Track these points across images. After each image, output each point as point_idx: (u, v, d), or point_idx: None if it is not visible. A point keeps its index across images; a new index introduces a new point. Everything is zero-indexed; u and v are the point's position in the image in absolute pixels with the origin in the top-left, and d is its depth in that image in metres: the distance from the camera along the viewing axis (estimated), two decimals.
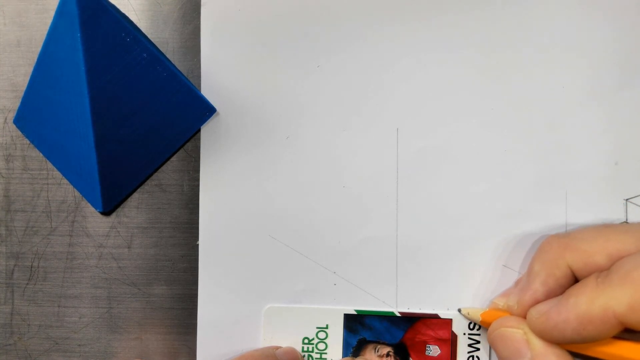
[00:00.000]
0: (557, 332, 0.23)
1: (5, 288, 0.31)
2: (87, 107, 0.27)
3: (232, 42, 0.30)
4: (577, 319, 0.23)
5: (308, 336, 0.29)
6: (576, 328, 0.23)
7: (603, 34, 0.29)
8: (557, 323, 0.23)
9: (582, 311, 0.23)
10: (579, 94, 0.29)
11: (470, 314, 0.28)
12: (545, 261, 0.26)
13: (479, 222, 0.29)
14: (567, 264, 0.25)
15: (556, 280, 0.25)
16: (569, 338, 0.23)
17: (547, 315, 0.24)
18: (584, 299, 0.23)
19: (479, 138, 0.29)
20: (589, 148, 0.29)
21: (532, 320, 0.25)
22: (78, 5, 0.25)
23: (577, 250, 0.25)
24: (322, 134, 0.30)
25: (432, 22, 0.30)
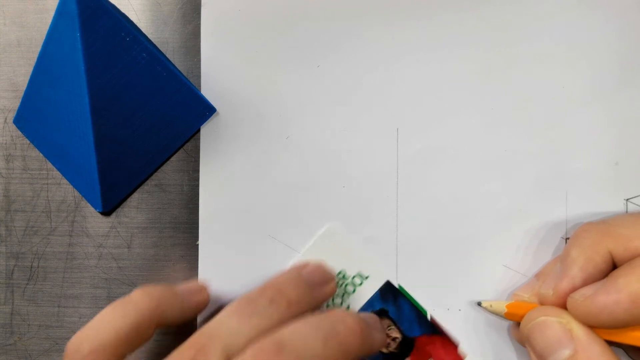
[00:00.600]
0: (606, 315, 0.23)
1: (5, 288, 0.31)
2: (87, 107, 0.27)
3: (232, 42, 0.30)
4: (629, 298, 0.22)
5: (346, 273, 0.29)
6: (628, 308, 0.22)
7: (603, 34, 0.29)
8: (606, 305, 0.23)
9: (635, 290, 0.22)
10: (579, 94, 0.29)
11: (493, 306, 0.27)
12: (584, 247, 0.25)
13: (479, 222, 0.29)
14: (607, 249, 0.24)
15: (595, 266, 0.24)
16: (617, 320, 0.23)
17: (594, 297, 0.23)
18: (635, 277, 0.22)
19: (479, 138, 0.29)
20: (589, 148, 0.29)
21: (576, 303, 0.24)
22: (78, 5, 0.25)
23: (617, 235, 0.24)
24: (321, 134, 0.30)
25: (432, 21, 0.30)
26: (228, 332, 0.23)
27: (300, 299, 0.25)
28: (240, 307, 0.24)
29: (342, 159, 0.30)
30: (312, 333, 0.22)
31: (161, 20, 0.31)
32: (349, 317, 0.24)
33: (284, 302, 0.24)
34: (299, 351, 0.22)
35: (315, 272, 0.27)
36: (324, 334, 0.22)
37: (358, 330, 0.23)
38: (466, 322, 0.29)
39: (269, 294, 0.24)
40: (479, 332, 0.29)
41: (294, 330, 0.23)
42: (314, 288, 0.26)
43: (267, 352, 0.21)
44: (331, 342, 0.22)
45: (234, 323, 0.23)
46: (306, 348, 0.22)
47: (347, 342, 0.23)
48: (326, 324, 0.23)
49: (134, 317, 0.24)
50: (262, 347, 0.22)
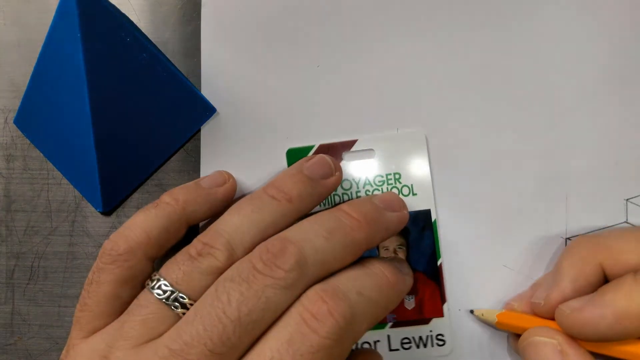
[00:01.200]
0: (590, 328, 0.23)
1: (5, 288, 0.31)
2: (87, 107, 0.27)
3: (232, 42, 0.30)
4: (614, 315, 0.23)
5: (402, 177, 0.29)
6: (611, 324, 0.23)
7: (604, 34, 0.29)
8: (591, 318, 0.23)
9: (620, 307, 0.23)
10: (579, 94, 0.29)
11: (484, 315, 0.28)
12: (575, 259, 0.26)
13: (479, 222, 0.29)
14: (598, 262, 0.25)
15: (586, 278, 0.25)
16: (600, 334, 0.23)
17: (581, 311, 0.24)
18: (622, 295, 0.23)
19: (479, 138, 0.29)
20: (589, 148, 0.29)
21: (563, 316, 0.24)
22: (78, 5, 0.25)
23: (609, 248, 0.25)
24: (321, 134, 0.30)
25: (432, 21, 0.30)
26: (230, 228, 0.24)
27: (302, 193, 0.25)
28: (241, 205, 0.25)
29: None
30: (315, 228, 0.23)
31: (161, 21, 0.31)
32: (354, 209, 0.24)
33: (284, 198, 0.25)
34: (303, 246, 0.22)
35: (316, 164, 0.26)
36: (327, 228, 0.23)
37: (363, 222, 0.24)
38: (466, 323, 0.29)
39: (269, 191, 0.25)
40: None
41: (297, 228, 0.23)
42: (317, 181, 0.26)
43: (272, 251, 0.22)
44: (336, 236, 0.23)
45: (236, 219, 0.24)
46: (310, 243, 0.22)
47: (352, 235, 0.23)
48: (330, 219, 0.24)
49: (164, 220, 0.25)
50: (267, 245, 0.22)
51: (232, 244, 0.23)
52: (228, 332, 0.21)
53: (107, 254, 0.24)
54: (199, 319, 0.21)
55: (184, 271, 0.23)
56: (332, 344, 0.21)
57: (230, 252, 0.23)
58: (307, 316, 0.21)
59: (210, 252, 0.23)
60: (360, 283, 0.23)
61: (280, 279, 0.21)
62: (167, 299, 0.23)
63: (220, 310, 0.21)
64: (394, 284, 0.24)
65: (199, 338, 0.21)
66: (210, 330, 0.21)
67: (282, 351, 0.20)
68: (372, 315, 0.23)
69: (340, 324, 0.21)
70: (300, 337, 0.21)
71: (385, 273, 0.24)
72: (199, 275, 0.23)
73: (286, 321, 0.21)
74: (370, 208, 0.25)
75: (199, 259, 0.23)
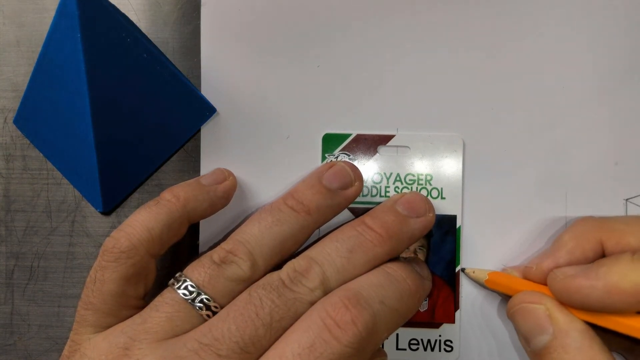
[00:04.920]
0: (580, 297, 0.23)
1: (5, 288, 0.31)
2: (87, 107, 0.27)
3: (232, 42, 0.30)
4: (605, 288, 0.23)
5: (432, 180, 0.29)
6: (601, 296, 0.23)
7: (604, 34, 0.29)
8: (582, 287, 0.23)
9: (612, 281, 0.23)
10: (579, 94, 0.29)
11: (475, 272, 0.28)
12: (576, 233, 0.26)
13: (479, 222, 0.29)
14: (599, 240, 0.25)
15: (583, 252, 0.25)
16: (589, 304, 0.23)
17: (573, 278, 0.24)
18: (617, 270, 0.23)
19: (479, 137, 0.29)
20: (589, 148, 0.29)
21: (554, 280, 0.24)
22: (78, 5, 0.25)
23: (612, 229, 0.25)
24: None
25: (432, 21, 0.30)
26: (252, 239, 0.25)
27: (321, 205, 0.26)
28: (262, 216, 0.25)
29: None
30: (337, 247, 0.24)
31: (161, 21, 0.31)
32: (376, 222, 0.25)
33: (304, 210, 0.25)
34: (326, 267, 0.23)
35: (336, 175, 0.27)
36: (348, 246, 0.24)
37: (386, 236, 0.24)
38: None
39: (289, 202, 0.26)
40: (479, 331, 0.29)
41: (320, 247, 0.24)
42: (336, 192, 0.26)
43: (299, 270, 0.23)
44: (357, 254, 0.24)
45: (256, 231, 0.25)
46: (333, 265, 0.23)
47: (373, 251, 0.24)
48: (351, 236, 0.24)
49: (165, 217, 0.25)
50: (294, 265, 0.23)
51: (254, 254, 0.24)
52: (259, 334, 0.22)
53: (109, 252, 0.24)
54: (231, 318, 0.22)
55: (210, 275, 0.24)
56: (353, 352, 0.21)
57: (252, 261, 0.24)
58: (330, 323, 0.21)
59: (234, 261, 0.24)
60: (383, 291, 0.23)
61: (305, 295, 0.23)
62: (192, 300, 0.23)
63: (253, 313, 0.22)
64: (415, 292, 0.24)
65: (230, 335, 0.21)
66: (242, 330, 0.21)
67: (303, 356, 0.21)
68: (393, 324, 0.23)
69: (362, 334, 0.21)
70: (323, 343, 0.21)
71: (407, 280, 0.24)
72: (224, 280, 0.24)
73: (308, 325, 0.21)
74: (393, 219, 0.25)
75: (223, 266, 0.24)
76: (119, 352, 0.22)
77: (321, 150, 0.30)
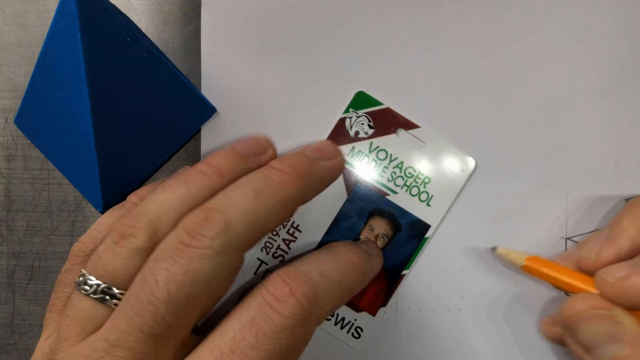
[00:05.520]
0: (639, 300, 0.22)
1: (6, 288, 0.31)
2: (87, 107, 0.27)
3: (232, 42, 0.30)
4: None
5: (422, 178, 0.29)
6: None
7: (604, 34, 0.29)
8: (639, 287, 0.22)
9: None
10: (579, 94, 0.29)
11: (511, 255, 0.26)
12: (637, 218, 0.24)
13: (479, 222, 0.29)
14: None
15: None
16: None
17: (628, 279, 0.22)
18: None
19: (479, 137, 0.29)
20: (589, 148, 0.29)
21: (606, 284, 0.23)
22: (78, 5, 0.25)
23: None
24: (321, 134, 0.30)
25: (432, 20, 0.30)
26: (154, 206, 0.22)
27: (233, 167, 0.24)
28: (169, 183, 0.23)
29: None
30: (242, 190, 0.22)
31: (161, 21, 0.31)
32: (283, 164, 0.23)
33: (214, 173, 0.23)
34: (229, 212, 0.21)
35: (248, 143, 0.25)
36: (254, 188, 0.22)
37: (294, 175, 0.23)
38: (466, 322, 0.29)
39: (199, 167, 0.24)
40: (479, 331, 0.29)
41: (222, 195, 0.22)
42: (249, 157, 0.24)
43: (196, 221, 0.21)
44: (265, 194, 0.22)
45: (161, 197, 0.23)
46: (237, 207, 0.21)
47: (282, 191, 0.22)
48: (257, 178, 0.22)
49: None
50: (190, 217, 0.21)
51: (157, 222, 0.22)
52: (161, 313, 0.20)
53: (75, 255, 0.24)
54: (130, 306, 0.20)
55: (105, 261, 0.22)
56: (294, 324, 0.21)
57: (153, 229, 0.22)
58: (270, 298, 0.21)
59: (132, 233, 0.22)
60: (323, 265, 0.23)
61: (207, 248, 0.20)
62: (94, 293, 0.22)
63: (148, 293, 0.20)
64: (359, 265, 0.24)
65: (133, 325, 0.20)
66: (142, 315, 0.20)
67: (244, 331, 0.20)
68: (336, 297, 0.23)
69: (302, 304, 0.21)
70: (263, 317, 0.20)
71: (350, 256, 0.24)
72: (121, 261, 0.22)
73: (248, 303, 0.21)
74: (301, 160, 0.24)
75: (120, 243, 0.22)
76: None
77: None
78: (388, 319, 0.29)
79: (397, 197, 0.29)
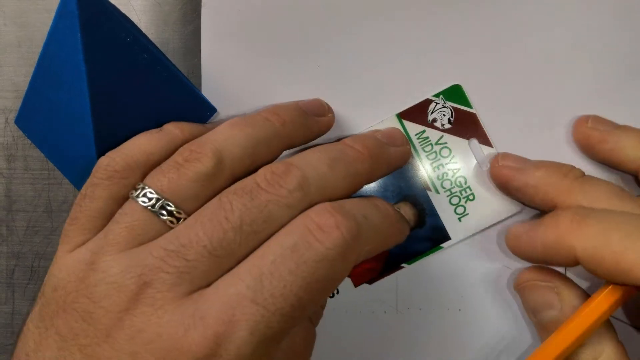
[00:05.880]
0: (525, 254, 0.25)
1: (6, 288, 0.31)
2: (87, 107, 0.27)
3: (232, 42, 0.30)
4: (543, 247, 0.24)
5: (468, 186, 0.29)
6: (541, 254, 0.24)
7: (604, 34, 0.29)
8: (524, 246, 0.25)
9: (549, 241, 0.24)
10: (579, 94, 0.29)
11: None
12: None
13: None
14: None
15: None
16: (536, 260, 0.25)
17: (519, 238, 0.25)
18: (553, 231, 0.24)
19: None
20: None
21: (507, 239, 0.26)
22: (78, 5, 0.25)
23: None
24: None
25: (432, 21, 0.30)
26: (221, 137, 0.23)
27: (295, 121, 0.26)
28: (234, 120, 0.25)
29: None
30: (319, 156, 0.23)
31: (162, 21, 0.31)
32: (357, 142, 0.25)
33: (278, 121, 0.25)
34: (307, 171, 0.22)
35: (312, 103, 0.28)
36: (330, 157, 0.23)
37: (366, 154, 0.24)
38: (466, 323, 0.29)
39: (263, 113, 0.25)
40: (479, 331, 0.29)
41: (301, 155, 0.23)
42: (310, 116, 0.27)
43: (276, 172, 0.22)
44: (339, 165, 0.23)
45: (227, 130, 0.24)
46: (314, 169, 0.23)
47: (354, 166, 0.24)
48: (333, 149, 0.24)
49: (165, 144, 0.25)
50: (272, 167, 0.22)
51: (222, 152, 0.23)
52: (228, 238, 0.21)
53: (102, 169, 0.24)
54: (199, 224, 0.21)
55: (169, 178, 0.22)
56: (335, 256, 0.21)
57: (218, 158, 0.23)
58: (314, 227, 0.21)
59: (197, 158, 0.23)
60: (366, 209, 0.23)
61: (282, 197, 0.22)
62: (152, 206, 0.22)
63: (222, 217, 0.21)
64: (396, 221, 0.25)
65: (198, 240, 0.21)
66: (210, 234, 0.21)
67: (285, 255, 0.20)
68: (375, 241, 0.23)
69: (346, 238, 0.21)
70: (305, 245, 0.21)
71: (389, 209, 0.24)
72: (185, 182, 0.22)
73: (291, 229, 0.21)
74: (373, 142, 0.25)
75: (185, 165, 0.23)
76: (84, 268, 0.22)
77: None
78: (388, 318, 0.29)
79: (436, 197, 0.29)
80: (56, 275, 0.23)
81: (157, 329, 0.20)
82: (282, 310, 0.20)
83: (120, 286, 0.21)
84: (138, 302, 0.20)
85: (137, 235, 0.22)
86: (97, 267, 0.21)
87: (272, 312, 0.20)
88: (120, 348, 0.20)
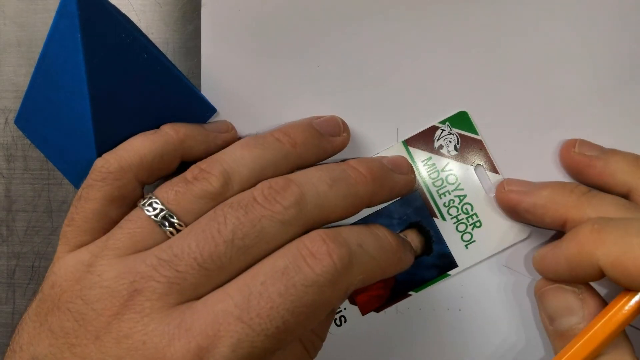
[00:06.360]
0: (553, 274, 0.25)
1: (6, 288, 0.31)
2: (87, 107, 0.27)
3: (232, 42, 0.30)
4: (567, 262, 0.24)
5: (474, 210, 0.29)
6: (567, 270, 0.24)
7: (604, 33, 0.29)
8: (550, 265, 0.25)
9: (572, 254, 0.23)
10: (579, 94, 0.29)
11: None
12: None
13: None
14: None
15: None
16: (563, 277, 0.25)
17: (545, 258, 0.25)
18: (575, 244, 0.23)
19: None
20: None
21: (534, 262, 0.26)
22: (78, 6, 0.25)
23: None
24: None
25: (432, 21, 0.30)
26: (230, 158, 0.24)
27: (307, 142, 0.26)
28: (245, 141, 0.25)
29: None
30: (320, 175, 0.23)
31: (161, 21, 0.31)
32: (361, 165, 0.25)
33: (289, 142, 0.25)
34: (306, 188, 0.22)
35: (327, 122, 0.28)
36: (332, 176, 0.23)
37: (369, 178, 0.24)
38: (466, 323, 0.29)
39: (275, 134, 0.25)
40: (479, 331, 0.29)
41: (302, 172, 0.24)
42: (323, 136, 0.27)
43: (274, 187, 0.22)
44: (339, 185, 0.23)
45: (238, 152, 0.24)
46: (313, 187, 0.23)
47: (355, 187, 0.24)
48: (335, 169, 0.24)
49: (159, 146, 0.25)
50: (270, 182, 0.23)
51: (230, 173, 0.24)
52: (219, 251, 0.21)
53: (97, 171, 0.24)
54: (192, 236, 0.22)
55: (176, 192, 0.23)
56: (325, 283, 0.21)
57: (226, 179, 0.23)
58: (306, 252, 0.21)
59: (206, 177, 0.23)
60: (362, 237, 0.23)
61: (277, 213, 0.22)
62: (156, 216, 0.23)
63: (215, 230, 0.21)
64: (396, 249, 0.24)
65: (189, 252, 0.21)
66: (202, 247, 0.21)
67: (275, 278, 0.21)
68: (369, 270, 0.23)
69: (336, 266, 0.21)
70: (296, 269, 0.21)
71: (388, 237, 0.24)
72: (191, 197, 0.23)
73: (284, 253, 0.21)
74: (378, 166, 0.25)
75: (193, 182, 0.23)
76: (82, 269, 0.22)
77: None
78: (388, 319, 0.29)
79: (443, 224, 0.29)
80: (55, 273, 0.23)
81: (143, 336, 0.20)
82: (267, 331, 0.20)
83: (113, 291, 0.21)
84: (127, 308, 0.21)
85: (137, 242, 0.22)
86: (94, 270, 0.22)
87: (257, 332, 0.20)
88: (106, 351, 0.21)
